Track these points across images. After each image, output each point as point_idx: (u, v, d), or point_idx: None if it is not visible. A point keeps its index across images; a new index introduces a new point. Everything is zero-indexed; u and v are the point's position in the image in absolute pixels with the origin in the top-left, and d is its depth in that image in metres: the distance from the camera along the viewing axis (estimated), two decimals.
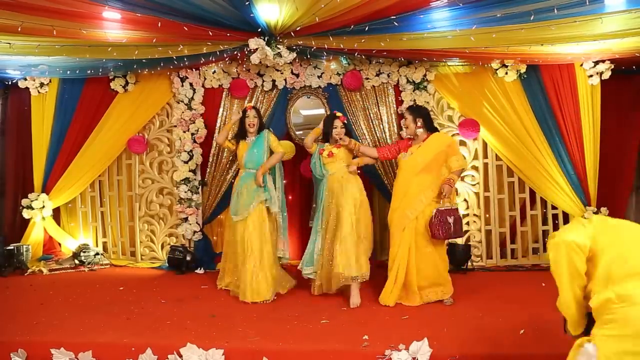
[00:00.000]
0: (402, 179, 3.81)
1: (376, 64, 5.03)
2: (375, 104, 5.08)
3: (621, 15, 3.47)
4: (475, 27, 3.74)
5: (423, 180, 3.70)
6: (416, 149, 3.81)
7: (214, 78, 5.17)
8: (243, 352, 2.78)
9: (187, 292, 4.11)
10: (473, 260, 4.96)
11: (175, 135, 5.20)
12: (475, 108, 5.00)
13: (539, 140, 4.88)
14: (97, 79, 5.24)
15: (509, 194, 5.12)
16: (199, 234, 5.17)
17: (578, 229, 1.79)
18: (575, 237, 1.74)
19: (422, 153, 3.75)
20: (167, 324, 3.20)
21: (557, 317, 1.77)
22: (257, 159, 4.07)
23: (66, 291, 4.14)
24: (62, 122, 5.35)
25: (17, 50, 4.11)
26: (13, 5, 3.23)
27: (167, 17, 3.62)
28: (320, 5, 3.42)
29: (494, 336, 2.87)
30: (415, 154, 3.78)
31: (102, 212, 5.55)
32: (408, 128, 3.90)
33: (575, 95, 4.85)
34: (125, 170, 5.47)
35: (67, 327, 3.16)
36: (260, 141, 4.13)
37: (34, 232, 5.32)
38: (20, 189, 5.54)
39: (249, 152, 4.10)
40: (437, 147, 3.76)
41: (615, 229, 1.80)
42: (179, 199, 5.13)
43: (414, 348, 2.65)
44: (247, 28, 3.99)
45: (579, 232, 1.77)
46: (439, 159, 3.74)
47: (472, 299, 3.79)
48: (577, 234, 1.76)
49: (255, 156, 4.09)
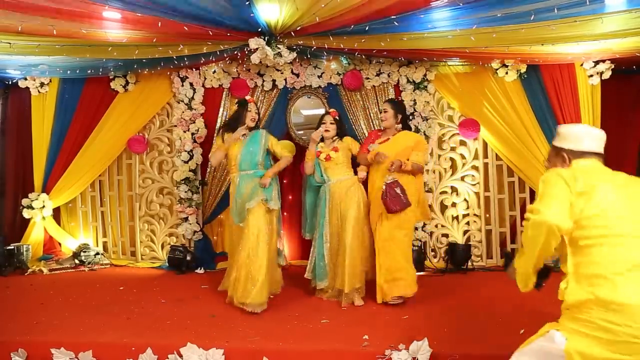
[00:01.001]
0: (371, 172, 3.85)
1: (376, 63, 5.03)
2: (375, 103, 5.08)
3: (621, 15, 3.47)
4: (475, 27, 3.74)
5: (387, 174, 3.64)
6: (383, 141, 3.83)
7: (214, 78, 5.17)
8: (243, 352, 2.78)
9: (187, 292, 4.11)
10: (473, 260, 4.96)
11: (175, 135, 5.20)
12: (476, 108, 5.00)
13: (539, 140, 4.88)
14: (97, 78, 5.24)
15: (509, 194, 5.12)
16: (199, 234, 5.17)
17: (563, 206, 1.69)
18: (560, 221, 1.65)
19: (390, 146, 3.75)
20: (167, 324, 3.21)
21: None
22: (253, 158, 3.82)
23: (66, 291, 4.15)
24: (62, 122, 5.35)
25: (17, 50, 4.11)
26: (13, 5, 3.23)
27: (167, 16, 3.61)
28: (320, 5, 3.42)
29: (494, 336, 2.87)
30: (381, 148, 3.75)
31: (102, 212, 5.55)
32: (387, 120, 3.86)
33: (576, 95, 4.85)
34: (126, 170, 5.47)
35: (67, 327, 3.16)
36: (256, 139, 3.87)
37: (34, 232, 5.32)
38: (20, 188, 5.55)
39: (245, 151, 3.81)
40: (406, 142, 3.78)
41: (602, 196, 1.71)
42: (179, 198, 5.13)
43: (414, 348, 2.65)
44: (247, 28, 3.98)
45: (564, 214, 1.67)
46: (406, 153, 3.72)
47: (472, 299, 3.80)
48: (562, 216, 1.67)
49: (251, 155, 3.82)
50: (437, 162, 5.13)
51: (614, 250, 1.64)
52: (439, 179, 5.14)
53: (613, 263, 1.62)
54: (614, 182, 1.76)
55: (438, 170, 5.13)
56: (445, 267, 4.90)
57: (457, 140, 5.12)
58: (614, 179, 1.80)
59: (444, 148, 5.13)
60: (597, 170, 1.84)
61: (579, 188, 1.71)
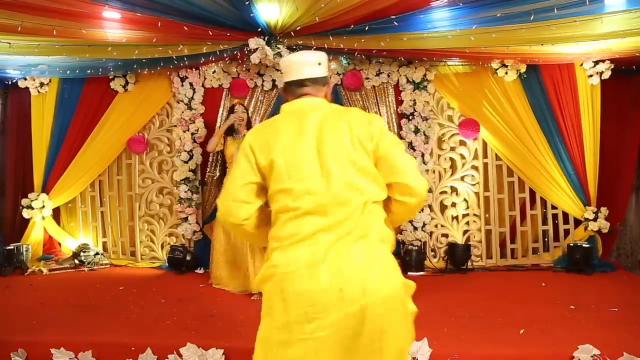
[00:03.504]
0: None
1: (376, 63, 5.03)
2: (375, 103, 5.08)
3: (621, 15, 3.47)
4: (475, 27, 3.74)
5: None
6: None
7: (214, 78, 5.17)
8: (243, 352, 2.77)
9: (187, 292, 4.11)
10: (473, 260, 4.96)
11: (175, 135, 5.20)
12: (475, 108, 5.00)
13: (539, 140, 4.88)
14: (97, 78, 5.23)
15: (509, 194, 5.12)
16: (199, 234, 5.17)
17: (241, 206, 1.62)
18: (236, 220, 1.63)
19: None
20: (167, 324, 3.20)
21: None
22: None
23: (66, 291, 4.14)
24: (62, 122, 5.34)
25: (17, 50, 4.10)
26: (13, 5, 3.23)
27: (167, 16, 3.61)
28: (320, 5, 3.42)
29: (494, 336, 2.87)
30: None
31: (102, 212, 5.54)
32: None
33: (575, 95, 4.85)
34: (125, 170, 5.47)
35: (67, 327, 3.15)
36: None
37: (34, 231, 5.31)
38: (20, 188, 5.53)
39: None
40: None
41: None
42: (179, 198, 5.13)
43: (414, 348, 2.64)
44: (247, 28, 3.98)
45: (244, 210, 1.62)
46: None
47: (472, 299, 3.79)
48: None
49: None
50: (437, 162, 5.13)
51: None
52: (439, 179, 5.13)
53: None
54: None
55: (438, 170, 5.13)
56: (445, 267, 4.90)
57: (456, 140, 5.12)
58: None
59: (444, 148, 5.13)
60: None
61: None
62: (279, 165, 1.56)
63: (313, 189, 1.52)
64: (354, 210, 1.51)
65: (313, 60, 1.71)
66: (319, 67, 1.71)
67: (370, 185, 1.55)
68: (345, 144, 1.56)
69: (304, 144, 1.57)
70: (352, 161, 1.54)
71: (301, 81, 1.69)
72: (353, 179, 1.53)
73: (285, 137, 1.59)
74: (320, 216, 1.50)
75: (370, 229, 1.52)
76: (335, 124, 1.60)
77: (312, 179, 1.53)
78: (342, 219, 1.50)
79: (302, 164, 1.55)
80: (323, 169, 1.54)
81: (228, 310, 3.54)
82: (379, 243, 1.53)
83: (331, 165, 1.53)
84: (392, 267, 1.54)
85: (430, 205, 5.05)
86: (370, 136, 1.58)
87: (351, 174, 1.53)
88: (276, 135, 1.60)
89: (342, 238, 1.48)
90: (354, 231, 1.50)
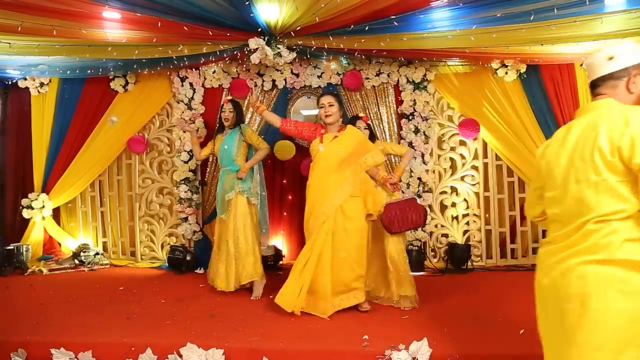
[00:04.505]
0: (320, 172, 3.51)
1: (376, 63, 5.03)
2: (375, 103, 5.09)
3: (621, 15, 3.47)
4: (475, 27, 3.74)
5: (342, 174, 3.45)
6: (330, 139, 3.53)
7: (214, 78, 5.17)
8: (243, 352, 2.78)
9: (187, 292, 4.11)
10: (473, 260, 4.96)
11: (175, 135, 5.20)
12: (475, 108, 5.00)
13: (539, 140, 4.88)
14: (97, 78, 5.24)
15: (509, 194, 5.13)
16: (199, 234, 5.17)
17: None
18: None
19: (342, 144, 3.49)
20: (167, 324, 3.20)
21: None
22: (227, 155, 4.07)
23: (66, 291, 4.14)
24: (62, 122, 5.35)
25: (17, 50, 4.11)
26: (13, 5, 3.23)
27: (167, 17, 3.61)
28: (320, 5, 3.42)
29: (494, 336, 2.87)
30: (334, 145, 3.50)
31: (102, 212, 5.55)
32: (333, 115, 3.52)
33: (575, 95, 4.85)
34: (125, 170, 5.47)
35: (67, 327, 3.16)
36: (231, 137, 4.10)
37: (34, 232, 5.32)
38: (20, 188, 5.55)
39: (221, 148, 4.10)
40: (355, 138, 3.54)
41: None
42: (179, 198, 5.13)
43: (414, 348, 2.65)
44: (247, 28, 3.98)
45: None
46: (357, 151, 3.51)
47: (472, 299, 3.79)
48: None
49: (225, 152, 4.07)
50: (437, 162, 5.13)
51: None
52: (439, 179, 5.14)
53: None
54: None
55: (438, 170, 5.14)
56: (445, 267, 4.90)
57: (456, 140, 5.12)
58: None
59: (444, 148, 5.14)
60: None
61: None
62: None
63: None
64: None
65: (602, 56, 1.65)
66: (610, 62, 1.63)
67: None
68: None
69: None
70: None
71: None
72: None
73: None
74: None
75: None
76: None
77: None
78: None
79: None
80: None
81: (228, 310, 3.54)
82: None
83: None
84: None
85: (431, 205, 5.05)
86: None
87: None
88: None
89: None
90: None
